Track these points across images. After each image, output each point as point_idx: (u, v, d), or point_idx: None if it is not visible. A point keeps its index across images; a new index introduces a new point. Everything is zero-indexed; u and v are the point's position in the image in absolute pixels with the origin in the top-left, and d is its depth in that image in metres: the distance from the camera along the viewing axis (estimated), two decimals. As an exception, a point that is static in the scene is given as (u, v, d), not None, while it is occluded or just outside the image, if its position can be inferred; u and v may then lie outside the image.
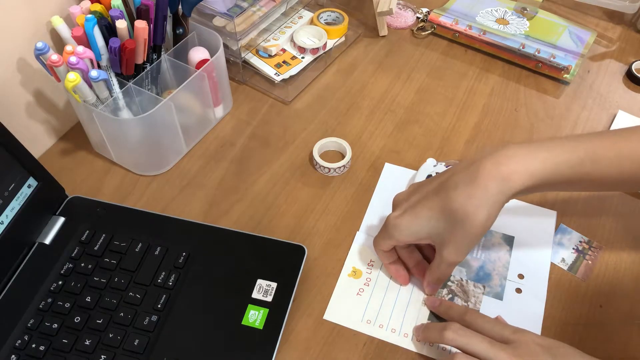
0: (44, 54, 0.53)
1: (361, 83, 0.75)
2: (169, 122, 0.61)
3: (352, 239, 0.59)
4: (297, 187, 0.63)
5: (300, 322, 0.53)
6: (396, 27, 0.83)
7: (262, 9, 0.72)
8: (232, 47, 0.71)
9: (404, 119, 0.70)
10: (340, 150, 0.66)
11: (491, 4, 0.84)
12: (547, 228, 0.59)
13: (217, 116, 0.70)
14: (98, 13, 0.57)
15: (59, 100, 0.66)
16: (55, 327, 0.50)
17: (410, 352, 0.51)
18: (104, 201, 0.60)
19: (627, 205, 0.62)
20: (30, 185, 0.55)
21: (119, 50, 0.57)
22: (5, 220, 0.52)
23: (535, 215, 0.60)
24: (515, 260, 0.57)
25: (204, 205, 0.62)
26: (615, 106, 0.72)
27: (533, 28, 0.80)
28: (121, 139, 0.61)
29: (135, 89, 0.60)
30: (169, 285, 0.53)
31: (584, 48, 0.77)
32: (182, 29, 0.64)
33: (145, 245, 0.55)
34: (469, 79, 0.76)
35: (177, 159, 0.66)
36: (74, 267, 0.54)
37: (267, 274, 0.53)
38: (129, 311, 0.51)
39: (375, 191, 0.63)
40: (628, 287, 0.55)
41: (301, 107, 0.72)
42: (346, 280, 0.56)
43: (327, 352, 0.51)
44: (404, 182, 0.64)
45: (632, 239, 0.59)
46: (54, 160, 0.66)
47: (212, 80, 0.64)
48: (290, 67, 0.74)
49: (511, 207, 0.59)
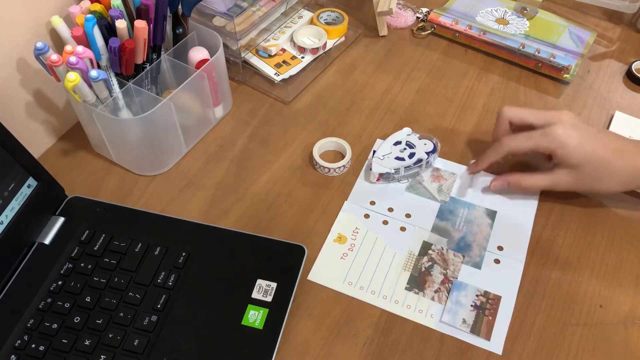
0: (44, 54, 0.53)
1: (361, 83, 0.75)
2: (168, 122, 0.61)
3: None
4: (297, 187, 0.63)
5: (300, 322, 0.53)
6: (396, 27, 0.83)
7: (262, 9, 0.72)
8: (232, 47, 0.71)
9: (404, 119, 0.70)
10: (340, 150, 0.66)
11: (491, 4, 0.84)
12: (530, 205, 0.62)
13: (217, 116, 0.70)
14: (98, 13, 0.57)
15: (58, 100, 0.66)
16: (55, 327, 0.50)
17: (410, 353, 0.51)
18: (103, 201, 0.60)
19: (627, 205, 0.62)
20: (30, 185, 0.55)
21: (118, 50, 0.57)
22: (5, 220, 0.52)
23: (519, 192, 0.62)
24: (496, 233, 0.59)
25: (203, 205, 0.62)
26: (615, 106, 0.72)
27: (533, 28, 0.80)
28: (121, 139, 0.61)
29: (135, 89, 0.60)
30: (169, 285, 0.53)
31: (584, 48, 0.77)
32: (181, 28, 0.64)
33: (145, 245, 0.55)
34: (469, 79, 0.76)
35: (176, 159, 0.66)
36: (73, 267, 0.54)
37: (267, 274, 0.53)
38: (128, 311, 0.51)
39: (365, 164, 0.65)
40: (628, 287, 0.55)
41: (301, 107, 0.72)
42: (331, 245, 0.58)
43: (327, 352, 0.51)
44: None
45: (632, 239, 0.59)
46: (54, 160, 0.66)
47: (212, 80, 0.64)
48: (290, 67, 0.74)
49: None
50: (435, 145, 0.63)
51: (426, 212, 0.61)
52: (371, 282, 0.55)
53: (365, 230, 0.59)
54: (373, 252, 0.58)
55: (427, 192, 0.63)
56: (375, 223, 0.60)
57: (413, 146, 0.63)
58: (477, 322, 0.52)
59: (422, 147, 0.63)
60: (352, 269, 0.56)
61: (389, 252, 0.58)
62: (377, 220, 0.60)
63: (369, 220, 0.60)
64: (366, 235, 0.59)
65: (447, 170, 0.65)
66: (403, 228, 0.60)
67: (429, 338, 0.52)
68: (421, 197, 0.62)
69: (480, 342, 0.51)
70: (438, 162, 0.65)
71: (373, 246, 0.58)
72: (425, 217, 0.60)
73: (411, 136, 0.64)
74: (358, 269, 0.56)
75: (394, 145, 0.63)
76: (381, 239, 0.59)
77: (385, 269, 0.56)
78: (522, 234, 0.59)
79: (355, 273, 0.56)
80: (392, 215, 0.61)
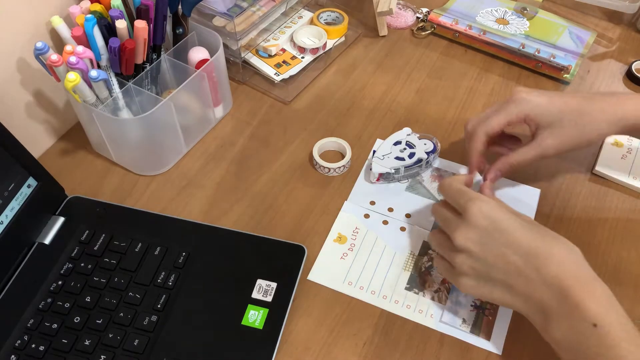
0: (44, 54, 0.53)
1: (361, 83, 0.75)
2: (168, 122, 0.61)
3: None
4: (297, 187, 0.63)
5: (300, 322, 0.53)
6: (396, 27, 0.83)
7: (262, 9, 0.72)
8: (232, 47, 0.71)
9: (404, 119, 0.70)
10: (340, 150, 0.66)
11: (491, 4, 0.84)
12: (529, 205, 0.61)
13: (217, 116, 0.70)
14: (98, 13, 0.57)
15: (58, 100, 0.66)
16: (55, 327, 0.50)
17: (410, 353, 0.51)
18: (103, 201, 0.60)
19: (627, 205, 0.62)
20: (30, 185, 0.55)
21: (118, 50, 0.57)
22: (5, 220, 0.52)
23: (519, 192, 0.62)
24: None
25: (203, 205, 0.62)
26: (615, 106, 0.72)
27: (533, 28, 0.80)
28: (121, 139, 0.61)
29: (135, 89, 0.60)
30: (169, 285, 0.53)
31: (584, 48, 0.77)
32: (181, 28, 0.64)
33: (145, 245, 0.55)
34: (469, 79, 0.76)
35: (176, 159, 0.66)
36: (73, 267, 0.54)
37: (267, 274, 0.53)
38: (128, 311, 0.51)
39: (365, 164, 0.65)
40: (628, 287, 0.55)
41: (301, 107, 0.72)
42: (331, 245, 0.58)
43: (327, 352, 0.51)
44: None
45: (632, 239, 0.59)
46: (54, 160, 0.66)
47: (211, 80, 0.64)
48: (290, 67, 0.74)
49: (496, 184, 0.61)
50: (435, 145, 0.63)
51: (426, 212, 0.61)
52: (371, 282, 0.55)
53: (365, 230, 0.59)
54: (373, 252, 0.58)
55: (427, 192, 0.63)
56: (375, 223, 0.60)
57: (413, 146, 0.63)
58: (477, 322, 0.52)
59: (422, 147, 0.63)
60: (352, 269, 0.56)
61: (388, 252, 0.58)
62: (377, 220, 0.60)
63: (369, 220, 0.60)
64: (366, 235, 0.59)
65: (447, 170, 0.65)
66: (403, 228, 0.60)
67: (429, 338, 0.52)
68: (421, 197, 0.62)
69: (480, 342, 0.51)
70: (438, 162, 0.65)
71: (373, 246, 0.58)
72: (426, 217, 0.60)
73: (411, 136, 0.64)
74: (358, 269, 0.56)
75: (393, 145, 0.63)
76: (381, 239, 0.59)
77: (385, 269, 0.56)
78: None
79: (355, 273, 0.56)
80: (392, 215, 0.61)
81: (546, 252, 0.45)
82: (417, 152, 0.63)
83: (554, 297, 0.43)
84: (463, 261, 0.48)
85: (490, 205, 0.47)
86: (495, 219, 0.47)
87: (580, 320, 0.42)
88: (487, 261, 0.46)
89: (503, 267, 0.46)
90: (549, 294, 0.44)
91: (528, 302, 0.45)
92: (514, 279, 0.45)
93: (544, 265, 0.44)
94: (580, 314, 0.42)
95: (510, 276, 0.46)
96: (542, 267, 0.44)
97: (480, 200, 0.48)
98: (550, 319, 0.44)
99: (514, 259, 0.45)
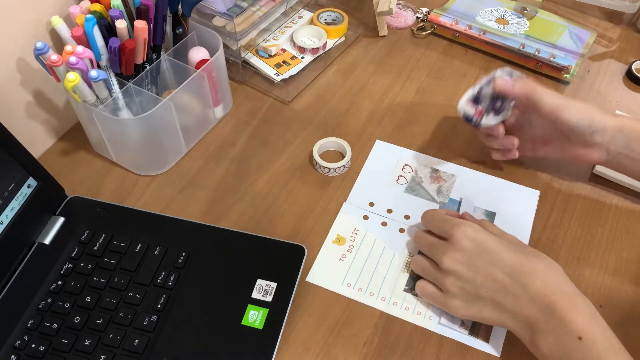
0: (44, 54, 0.53)
1: (361, 83, 0.75)
2: (168, 122, 0.61)
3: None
4: (297, 187, 0.63)
5: (300, 322, 0.53)
6: (396, 27, 0.83)
7: (262, 9, 0.71)
8: (232, 47, 0.71)
9: (404, 119, 0.70)
10: (340, 150, 0.66)
11: (491, 4, 0.84)
12: (529, 206, 0.61)
13: (217, 116, 0.70)
14: (98, 13, 0.57)
15: (58, 100, 0.66)
16: (55, 327, 0.50)
17: (409, 354, 0.51)
18: (103, 201, 0.60)
19: (627, 205, 0.62)
20: (30, 185, 0.55)
21: (118, 50, 0.57)
22: (5, 220, 0.52)
23: (519, 193, 0.63)
24: None
25: (203, 205, 0.62)
26: (615, 106, 0.72)
27: (533, 28, 0.80)
28: (121, 139, 0.61)
29: (135, 89, 0.60)
30: (169, 286, 0.53)
31: (584, 48, 0.77)
32: (181, 28, 0.64)
33: (145, 245, 0.55)
34: (469, 79, 0.76)
35: (176, 159, 0.66)
36: (73, 267, 0.54)
37: (267, 274, 0.53)
38: (128, 311, 0.51)
39: (364, 166, 0.65)
40: (628, 287, 0.55)
41: (301, 107, 0.72)
42: (330, 246, 0.58)
43: (327, 352, 0.51)
44: (394, 158, 0.66)
45: (633, 239, 0.59)
46: (54, 160, 0.66)
47: (211, 80, 0.64)
48: (290, 67, 0.74)
49: (495, 185, 0.63)
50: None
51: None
52: (370, 283, 0.55)
53: (364, 232, 0.59)
54: (372, 253, 0.58)
55: (427, 193, 0.63)
56: (374, 224, 0.60)
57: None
58: (476, 324, 0.52)
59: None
60: (350, 271, 0.56)
61: (387, 253, 0.58)
62: (376, 221, 0.60)
63: (367, 221, 0.60)
64: (365, 236, 0.59)
65: (447, 172, 0.65)
66: (402, 229, 0.60)
67: (428, 340, 0.52)
68: (420, 198, 0.62)
69: (479, 344, 0.51)
70: (437, 164, 0.65)
71: (372, 248, 0.58)
72: (425, 218, 0.60)
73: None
74: (357, 270, 0.56)
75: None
76: (380, 241, 0.59)
77: (384, 270, 0.56)
78: (521, 235, 0.59)
79: (353, 275, 0.56)
80: (391, 217, 0.61)
81: (530, 270, 0.47)
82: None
83: (540, 312, 0.45)
84: (452, 283, 0.50)
85: (474, 229, 0.50)
86: (481, 240, 0.49)
87: (566, 334, 0.43)
88: (475, 281, 0.48)
89: (491, 285, 0.48)
90: (535, 309, 0.45)
91: (516, 318, 0.47)
92: (502, 296, 0.47)
93: (529, 282, 0.46)
94: (566, 327, 0.43)
95: (499, 293, 0.47)
96: (528, 284, 0.46)
97: (464, 225, 0.50)
98: (538, 334, 0.45)
99: (501, 277, 0.47)
